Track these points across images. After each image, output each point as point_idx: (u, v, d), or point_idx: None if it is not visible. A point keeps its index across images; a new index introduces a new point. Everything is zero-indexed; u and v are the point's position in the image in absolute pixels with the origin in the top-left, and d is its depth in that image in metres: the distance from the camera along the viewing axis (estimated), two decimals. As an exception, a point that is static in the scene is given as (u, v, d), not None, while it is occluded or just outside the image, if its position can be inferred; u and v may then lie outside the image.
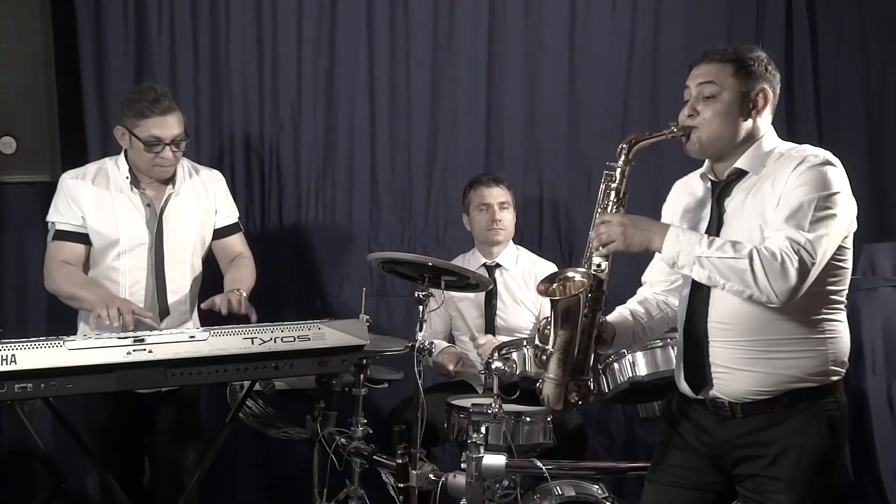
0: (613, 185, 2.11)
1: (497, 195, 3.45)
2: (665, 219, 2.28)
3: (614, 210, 2.10)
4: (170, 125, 2.75)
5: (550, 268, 3.53)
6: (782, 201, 1.98)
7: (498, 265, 3.50)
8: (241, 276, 2.92)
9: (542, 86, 3.86)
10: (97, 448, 2.82)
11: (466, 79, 3.83)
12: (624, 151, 2.11)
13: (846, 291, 2.10)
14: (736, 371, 2.06)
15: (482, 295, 3.44)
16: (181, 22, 3.66)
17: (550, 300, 2.07)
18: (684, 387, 2.18)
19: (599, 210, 2.11)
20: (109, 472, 2.58)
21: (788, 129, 3.88)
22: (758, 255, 1.91)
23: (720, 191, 2.12)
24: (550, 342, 2.08)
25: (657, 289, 2.34)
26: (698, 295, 2.11)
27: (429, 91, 3.83)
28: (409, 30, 3.79)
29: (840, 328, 2.09)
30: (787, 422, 2.04)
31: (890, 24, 3.92)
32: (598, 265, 2.08)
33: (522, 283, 3.49)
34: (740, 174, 2.10)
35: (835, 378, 2.07)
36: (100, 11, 3.58)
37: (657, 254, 2.17)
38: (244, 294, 2.82)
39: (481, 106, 3.85)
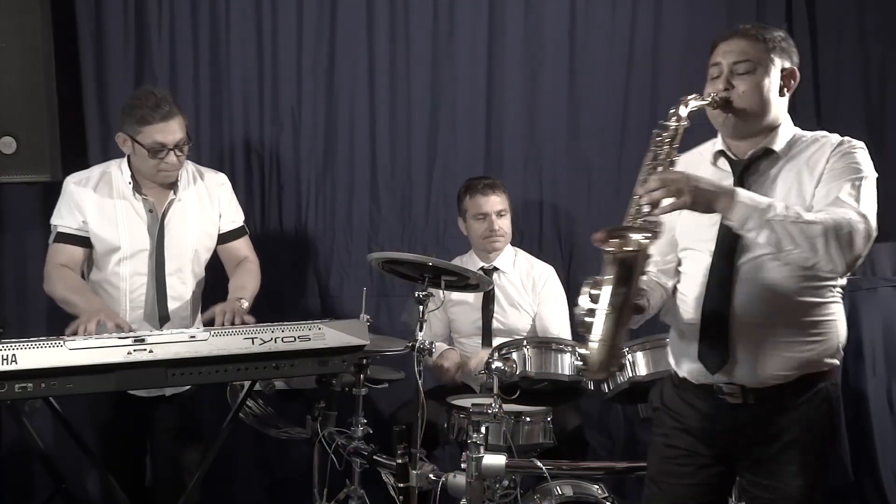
0: (665, 145, 2.02)
1: (494, 203, 3.43)
2: None
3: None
4: (172, 130, 2.74)
5: (548, 270, 3.53)
6: (830, 177, 2.00)
7: (495, 268, 3.50)
8: (244, 283, 2.90)
9: (542, 86, 3.86)
10: (100, 447, 2.82)
11: (466, 79, 3.83)
12: (679, 110, 2.04)
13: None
14: (760, 356, 2.05)
15: (479, 299, 3.44)
16: (181, 22, 3.66)
17: (612, 256, 1.90)
18: (692, 369, 2.14)
19: (649, 167, 2.00)
20: (111, 471, 2.58)
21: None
22: (832, 223, 1.90)
23: (742, 170, 2.10)
24: (606, 301, 1.91)
25: (653, 268, 2.25)
26: (720, 272, 2.08)
27: (429, 91, 3.83)
28: (409, 30, 3.79)
29: (841, 313, 2.12)
30: (797, 407, 2.06)
31: (890, 24, 3.93)
32: (656, 224, 1.94)
33: (520, 285, 3.48)
34: (767, 154, 2.09)
35: (838, 362, 2.11)
36: (100, 11, 3.58)
37: None
38: (245, 304, 2.79)
39: (481, 106, 3.85)
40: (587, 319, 1.93)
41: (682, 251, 2.21)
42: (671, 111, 2.05)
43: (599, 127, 3.88)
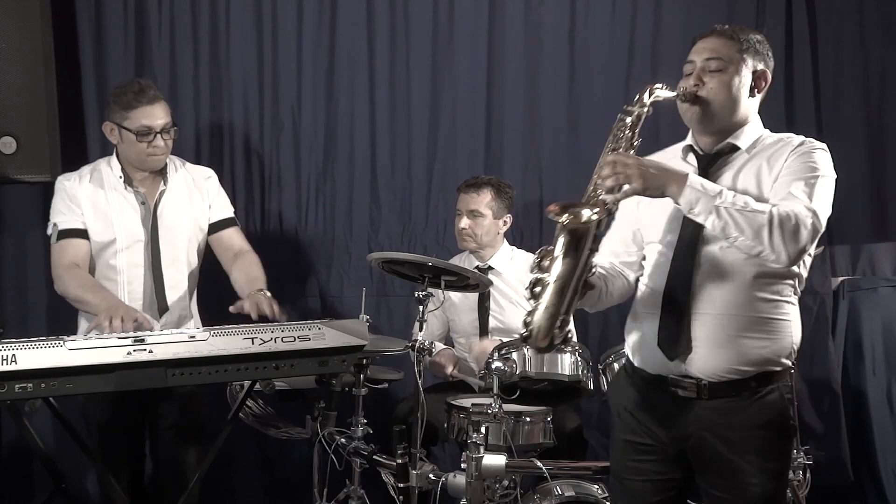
0: (626, 129, 2.07)
1: (468, 202, 3.42)
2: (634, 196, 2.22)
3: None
4: (157, 115, 2.79)
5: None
6: (786, 174, 2.02)
7: (490, 268, 3.49)
8: (255, 275, 2.89)
9: (542, 86, 3.87)
10: (97, 447, 2.82)
11: (466, 79, 3.83)
12: (643, 96, 2.09)
13: (804, 281, 2.16)
14: (715, 347, 2.06)
15: (475, 298, 3.43)
16: (181, 22, 3.66)
17: (561, 226, 1.97)
18: (650, 358, 2.14)
19: (609, 151, 2.05)
20: (110, 471, 2.58)
21: (788, 128, 3.88)
22: (777, 213, 1.92)
23: (707, 164, 2.13)
24: (551, 270, 1.98)
25: (615, 259, 2.31)
26: (682, 262, 2.10)
27: (429, 91, 3.83)
28: (409, 30, 3.79)
29: (796, 314, 2.14)
30: (752, 406, 2.07)
31: (890, 25, 3.93)
32: (609, 203, 1.98)
33: (517, 283, 3.46)
34: (732, 150, 2.13)
35: (790, 363, 2.13)
36: (100, 11, 3.58)
37: (615, 224, 2.26)
38: (269, 295, 2.79)
39: (481, 106, 3.85)
40: (535, 289, 1.99)
41: (647, 245, 2.23)
42: (636, 97, 2.10)
43: (599, 126, 3.85)
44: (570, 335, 2.07)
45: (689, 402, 2.09)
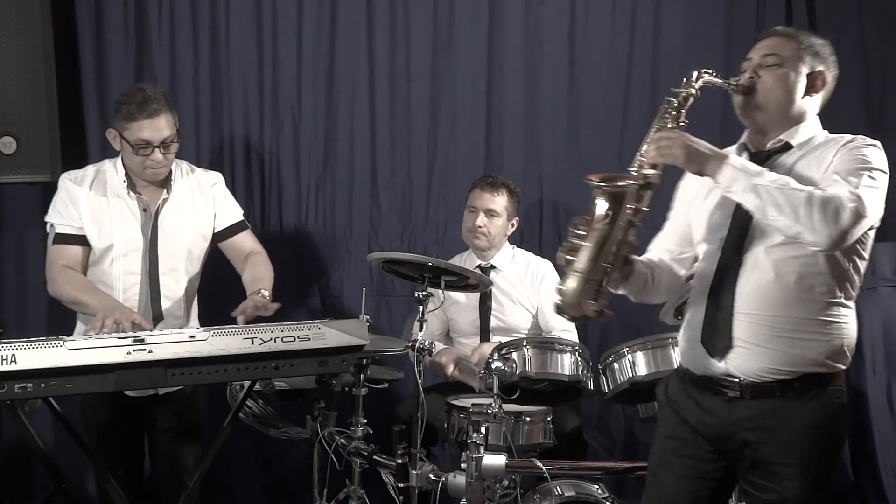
0: (673, 110, 2.08)
1: (487, 201, 3.43)
2: (688, 194, 2.27)
3: None
4: (158, 128, 2.72)
5: (546, 264, 3.53)
6: (835, 164, 2.03)
7: (492, 266, 3.50)
8: (259, 275, 2.88)
9: (542, 86, 3.87)
10: (96, 448, 2.81)
11: (466, 79, 3.83)
12: (691, 79, 2.10)
13: (860, 282, 2.14)
14: (755, 346, 2.05)
15: (476, 297, 3.43)
16: (181, 22, 3.65)
17: (598, 189, 1.99)
18: (694, 357, 2.14)
19: (656, 127, 2.08)
20: (108, 472, 2.58)
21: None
22: (817, 193, 1.92)
23: (761, 161, 2.12)
24: (586, 233, 2.00)
25: (667, 255, 2.32)
26: (727, 260, 2.10)
27: (429, 91, 3.83)
28: (409, 30, 3.79)
29: (853, 316, 2.11)
30: (799, 408, 2.05)
31: (890, 24, 3.93)
32: (650, 176, 2.01)
33: (517, 281, 3.47)
34: (785, 147, 2.13)
35: (843, 366, 2.09)
36: (100, 11, 3.58)
37: (669, 222, 2.28)
38: (266, 294, 2.79)
39: (481, 106, 3.85)
40: (570, 256, 2.01)
41: (698, 245, 2.24)
42: (684, 78, 2.10)
43: (599, 127, 3.88)
44: (605, 311, 2.04)
45: (733, 402, 2.09)
